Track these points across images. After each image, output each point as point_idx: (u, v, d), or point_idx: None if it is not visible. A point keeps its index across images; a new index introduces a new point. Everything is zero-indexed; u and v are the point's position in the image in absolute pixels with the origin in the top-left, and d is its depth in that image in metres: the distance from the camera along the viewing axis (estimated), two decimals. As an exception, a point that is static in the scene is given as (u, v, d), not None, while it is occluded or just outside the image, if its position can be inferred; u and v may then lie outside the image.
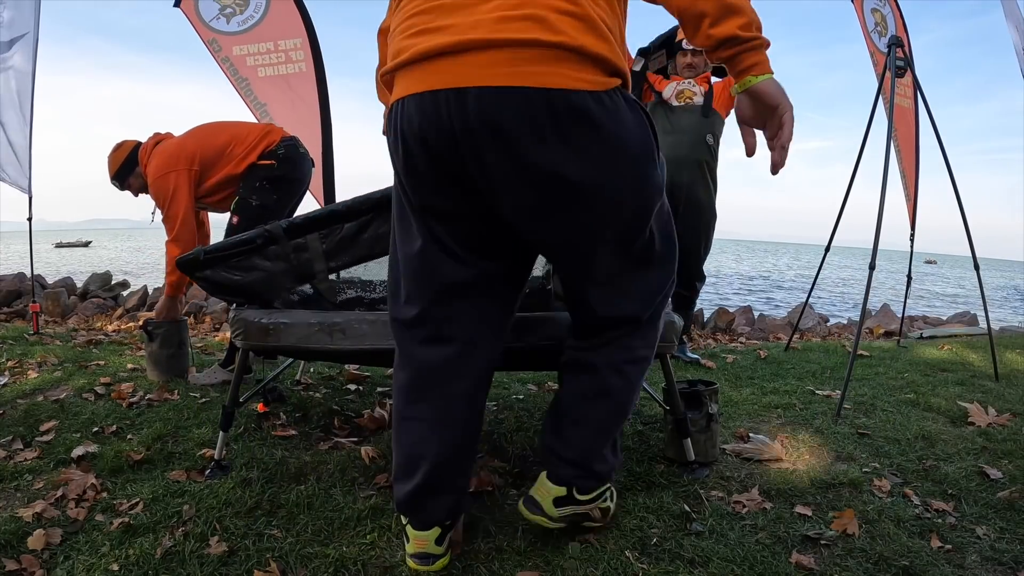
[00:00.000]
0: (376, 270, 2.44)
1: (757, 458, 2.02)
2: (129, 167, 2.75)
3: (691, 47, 3.19)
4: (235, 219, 2.60)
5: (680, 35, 3.18)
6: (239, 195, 2.64)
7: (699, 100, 3.23)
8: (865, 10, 4.22)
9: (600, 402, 1.41)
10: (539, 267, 2.31)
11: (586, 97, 1.13)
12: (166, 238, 2.63)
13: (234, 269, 1.90)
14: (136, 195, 2.82)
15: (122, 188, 2.82)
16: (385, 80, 1.29)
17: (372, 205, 1.92)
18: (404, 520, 1.38)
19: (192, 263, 1.88)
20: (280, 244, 1.91)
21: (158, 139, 2.75)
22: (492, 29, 1.12)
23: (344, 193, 4.30)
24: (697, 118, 3.20)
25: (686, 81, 3.28)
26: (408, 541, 1.37)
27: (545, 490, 1.43)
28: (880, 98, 3.28)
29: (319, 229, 1.94)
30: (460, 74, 1.13)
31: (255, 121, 3.55)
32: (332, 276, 2.10)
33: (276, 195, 2.67)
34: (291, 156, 2.72)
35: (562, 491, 1.42)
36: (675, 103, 3.24)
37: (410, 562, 1.37)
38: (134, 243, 51.73)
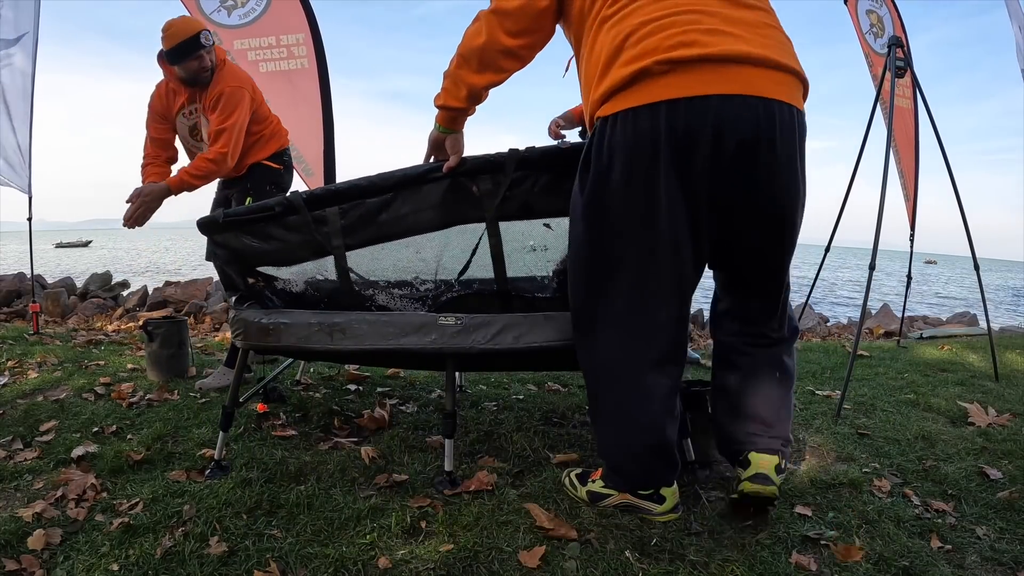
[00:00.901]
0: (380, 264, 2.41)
1: (757, 458, 2.02)
2: (200, 46, 2.48)
3: None
4: None
5: None
6: (253, 197, 2.61)
7: None
8: (860, 12, 4.22)
9: (789, 384, 1.67)
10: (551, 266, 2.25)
11: None
12: (211, 148, 2.48)
13: (252, 236, 1.88)
14: (179, 76, 2.54)
15: (173, 62, 2.49)
16: (659, 68, 1.34)
17: (394, 183, 1.86)
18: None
19: (212, 225, 1.85)
20: (300, 214, 1.87)
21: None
22: (781, 53, 1.39)
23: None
24: None
25: None
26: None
27: (766, 462, 1.55)
28: (879, 99, 3.28)
29: (340, 203, 1.89)
30: (774, 89, 1.37)
31: None
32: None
33: None
34: (291, 165, 2.83)
35: (776, 459, 1.58)
36: None
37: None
38: (134, 243, 51.73)
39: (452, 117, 1.67)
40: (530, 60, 1.59)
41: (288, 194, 1.89)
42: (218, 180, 2.82)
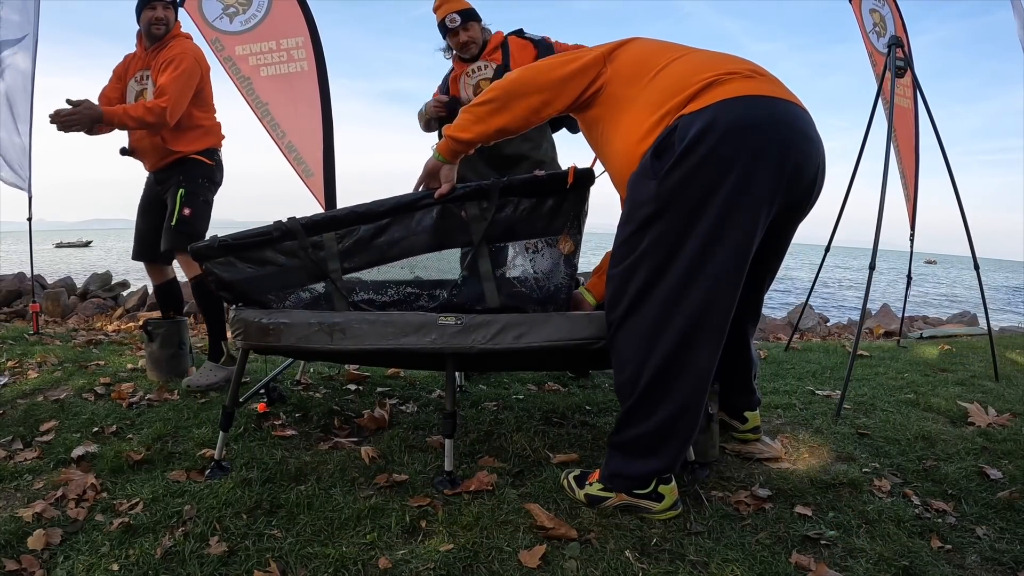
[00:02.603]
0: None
1: (757, 458, 2.02)
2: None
3: (456, 24, 2.74)
4: (187, 211, 2.65)
5: (440, 15, 2.77)
6: (185, 187, 2.66)
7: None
8: (863, 10, 4.22)
9: (756, 362, 2.09)
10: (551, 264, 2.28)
11: None
12: (153, 101, 2.52)
13: (247, 262, 1.89)
14: (139, 20, 2.67)
15: (138, 9, 2.66)
16: (728, 76, 1.52)
17: (389, 209, 1.95)
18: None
19: (207, 250, 1.87)
20: (299, 239, 1.91)
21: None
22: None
23: (344, 192, 4.30)
24: None
25: (474, 66, 2.83)
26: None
27: (756, 416, 2.08)
28: (880, 98, 3.28)
29: (337, 228, 1.95)
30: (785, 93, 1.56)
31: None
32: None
33: (212, 195, 2.80)
34: (222, 165, 2.85)
35: (758, 412, 2.11)
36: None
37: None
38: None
39: (455, 150, 1.80)
40: (541, 120, 1.74)
41: (286, 220, 1.93)
42: (148, 176, 2.81)
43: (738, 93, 1.48)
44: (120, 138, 2.81)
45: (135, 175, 2.70)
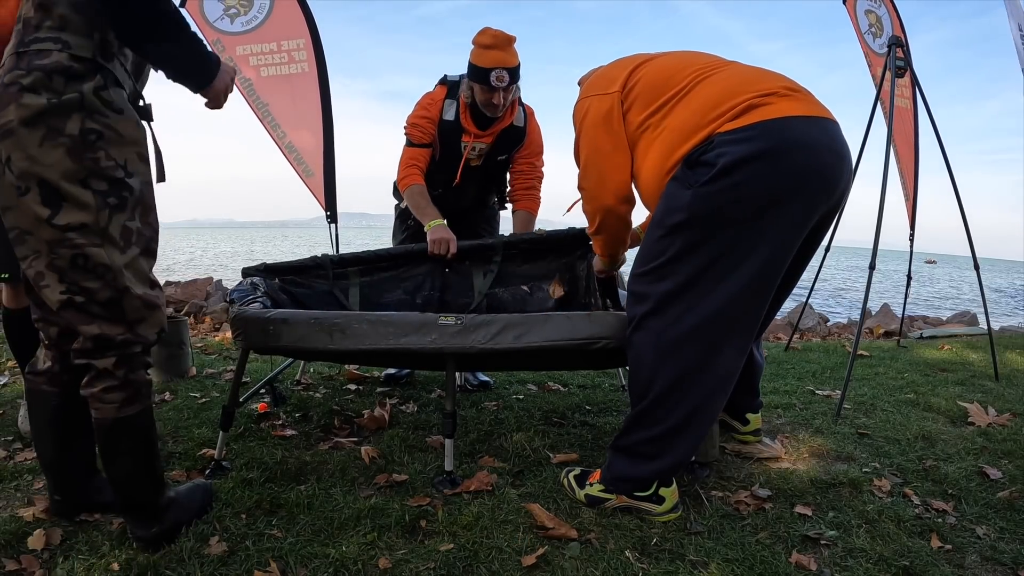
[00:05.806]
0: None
1: (757, 458, 2.02)
2: None
3: (503, 84, 2.29)
4: None
5: (487, 61, 2.29)
6: None
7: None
8: (858, 12, 4.21)
9: (762, 365, 2.11)
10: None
11: None
12: None
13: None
14: None
15: None
16: (783, 93, 1.52)
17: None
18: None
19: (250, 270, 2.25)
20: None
21: None
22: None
23: (344, 192, 4.29)
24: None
25: (477, 142, 2.52)
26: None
27: (757, 419, 2.07)
28: (879, 98, 3.28)
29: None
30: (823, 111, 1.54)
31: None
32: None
33: None
34: None
35: (760, 415, 2.10)
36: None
37: None
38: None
39: (607, 269, 2.15)
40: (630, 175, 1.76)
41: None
42: None
43: (779, 114, 1.47)
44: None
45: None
